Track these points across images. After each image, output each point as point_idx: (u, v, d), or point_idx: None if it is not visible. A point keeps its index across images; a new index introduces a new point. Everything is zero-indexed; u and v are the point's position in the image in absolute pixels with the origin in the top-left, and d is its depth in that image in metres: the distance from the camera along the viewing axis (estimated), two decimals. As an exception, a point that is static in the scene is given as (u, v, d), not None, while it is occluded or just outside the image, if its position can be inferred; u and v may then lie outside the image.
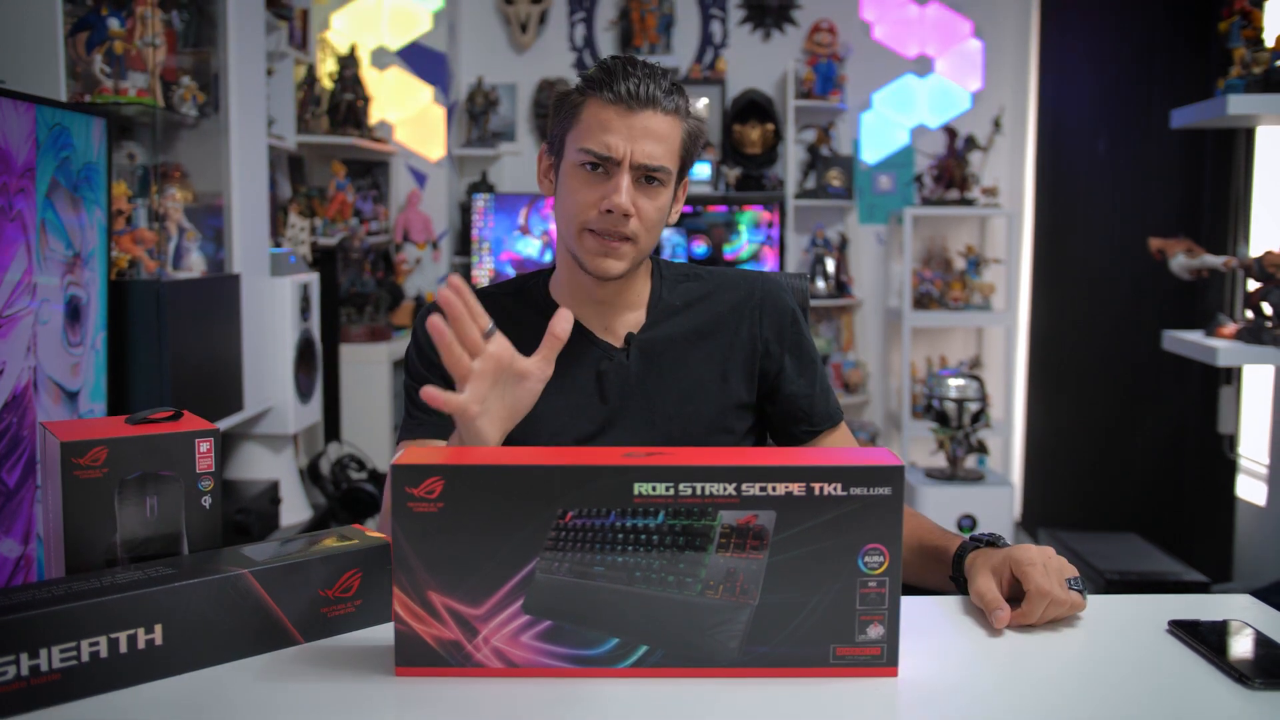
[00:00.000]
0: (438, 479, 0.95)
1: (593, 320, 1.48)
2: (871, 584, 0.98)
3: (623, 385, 1.46)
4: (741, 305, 1.51)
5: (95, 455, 1.07)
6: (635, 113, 1.35)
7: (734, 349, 1.49)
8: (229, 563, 1.04)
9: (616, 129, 1.35)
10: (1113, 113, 4.15)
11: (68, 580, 0.99)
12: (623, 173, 1.36)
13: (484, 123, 4.81)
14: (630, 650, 0.98)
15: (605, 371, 1.46)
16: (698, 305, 1.51)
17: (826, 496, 0.97)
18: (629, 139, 1.35)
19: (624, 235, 1.37)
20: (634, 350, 1.47)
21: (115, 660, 0.94)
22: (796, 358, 1.52)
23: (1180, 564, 3.34)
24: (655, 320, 1.49)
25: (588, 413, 1.45)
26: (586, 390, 1.45)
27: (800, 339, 1.52)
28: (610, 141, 1.35)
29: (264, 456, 3.36)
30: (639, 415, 1.45)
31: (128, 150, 2.66)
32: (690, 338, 1.49)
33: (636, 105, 1.35)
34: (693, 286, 1.52)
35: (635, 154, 1.35)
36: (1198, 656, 1.04)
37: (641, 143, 1.35)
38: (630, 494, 0.96)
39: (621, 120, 1.35)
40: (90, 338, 2.22)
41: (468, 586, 0.97)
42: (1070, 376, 4.39)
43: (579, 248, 1.40)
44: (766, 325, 1.51)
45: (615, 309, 1.48)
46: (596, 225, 1.37)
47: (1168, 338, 3.04)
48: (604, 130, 1.36)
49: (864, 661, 0.99)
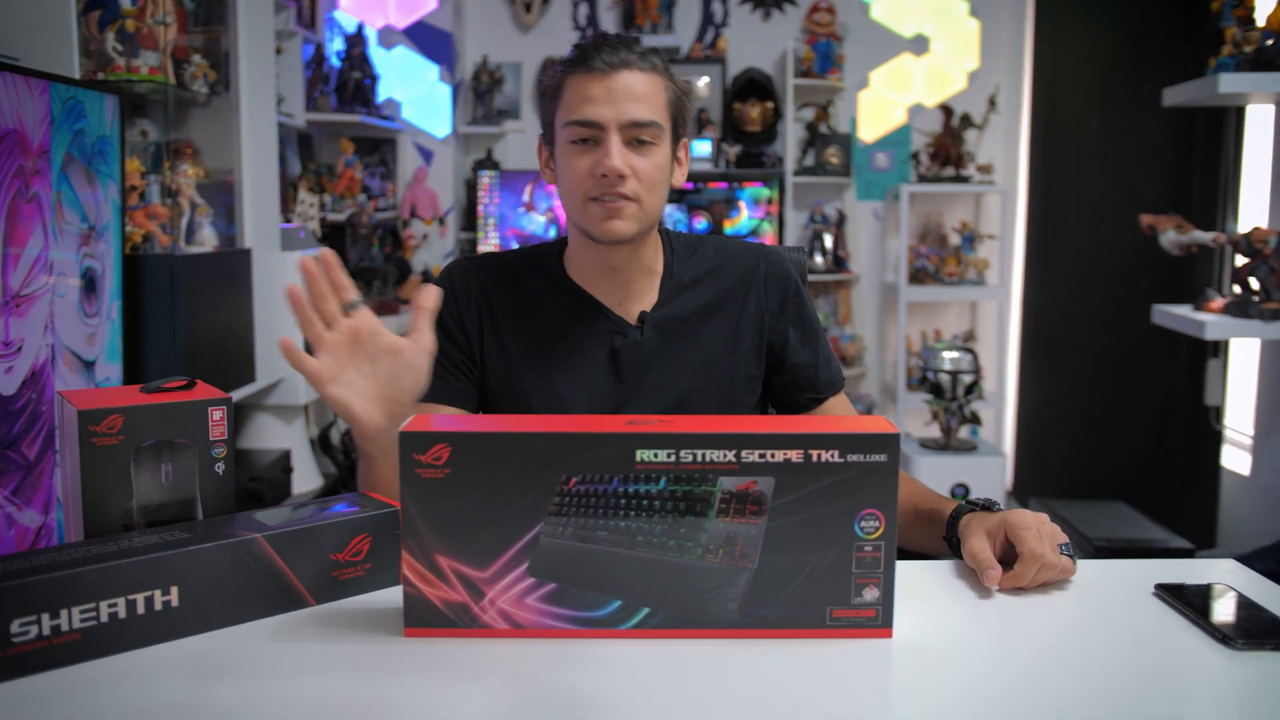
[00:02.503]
0: (445, 445, 0.96)
1: (608, 296, 1.47)
2: (867, 548, 0.99)
3: (637, 362, 1.45)
4: (748, 277, 1.50)
5: (111, 423, 1.07)
6: (612, 76, 1.35)
7: (743, 322, 1.49)
8: (242, 527, 1.05)
9: (597, 96, 1.35)
10: (1105, 91, 4.13)
11: (87, 544, 0.99)
12: (611, 136, 1.35)
13: (489, 101, 4.78)
14: (632, 612, 0.98)
15: (620, 349, 1.45)
16: (707, 279, 1.50)
17: (824, 463, 0.97)
18: (610, 102, 1.35)
19: (624, 195, 1.36)
20: (648, 328, 1.46)
21: (133, 621, 0.95)
22: (800, 328, 1.51)
23: (1167, 531, 3.35)
24: (668, 297, 1.48)
25: (604, 390, 1.44)
26: (602, 368, 1.45)
27: (803, 309, 1.52)
28: (593, 109, 1.35)
29: (275, 427, 3.37)
30: (653, 391, 1.44)
31: (140, 127, 2.65)
32: (701, 313, 1.48)
33: (612, 69, 1.35)
34: (701, 260, 1.51)
35: (620, 115, 1.35)
36: (1183, 618, 1.05)
37: (623, 103, 1.35)
38: (632, 460, 0.96)
39: (600, 86, 1.35)
40: (106, 309, 2.22)
41: (474, 550, 0.97)
42: (1062, 349, 4.38)
43: (585, 218, 1.39)
44: (771, 297, 1.50)
45: (629, 285, 1.46)
46: (596, 192, 1.36)
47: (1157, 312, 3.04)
48: (586, 101, 1.35)
49: (859, 623, 1.00)
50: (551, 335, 1.46)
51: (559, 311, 1.46)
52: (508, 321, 1.47)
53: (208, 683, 0.90)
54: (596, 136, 1.36)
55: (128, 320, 2.33)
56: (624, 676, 0.92)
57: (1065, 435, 4.34)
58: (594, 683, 0.91)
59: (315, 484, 3.48)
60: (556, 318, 1.46)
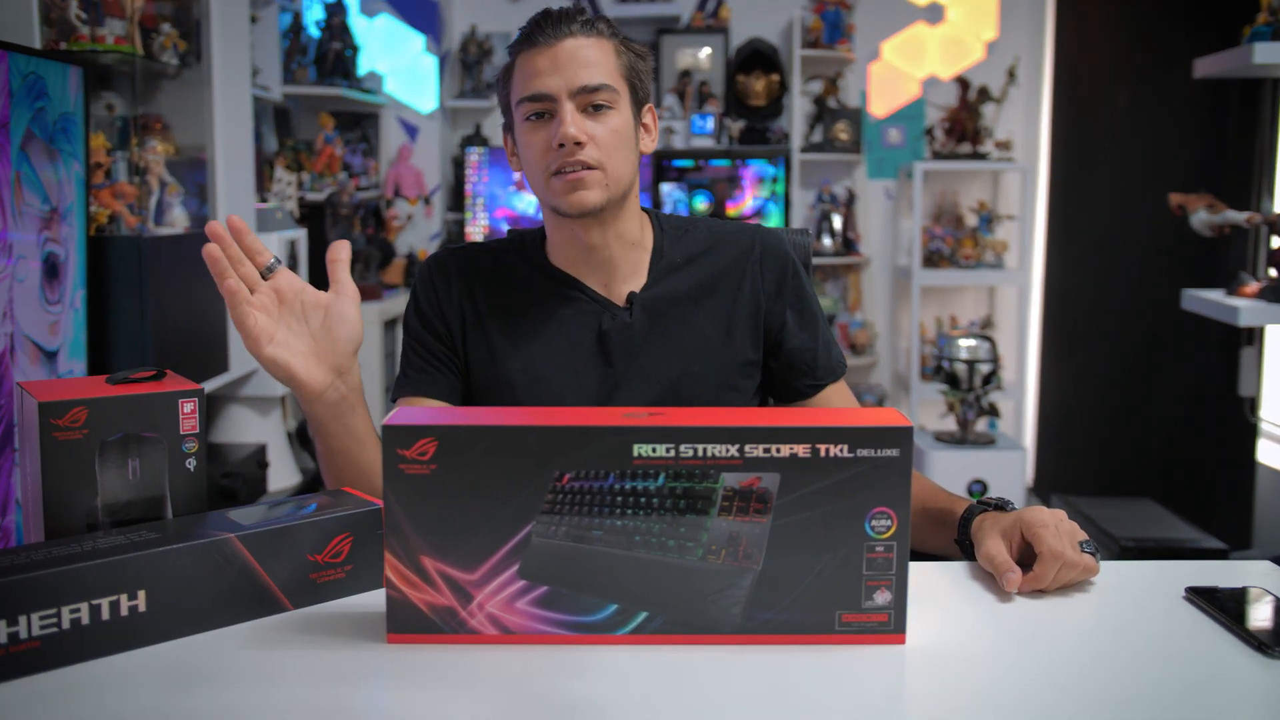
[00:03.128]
0: (430, 440, 0.95)
1: (592, 279, 1.47)
2: (879, 548, 0.98)
3: (627, 345, 1.45)
4: (743, 259, 1.50)
5: (75, 416, 1.07)
6: (555, 45, 1.38)
7: (738, 305, 1.49)
8: (215, 527, 1.04)
9: (544, 68, 1.38)
10: (1132, 62, 4.12)
11: (47, 545, 0.98)
12: (563, 105, 1.37)
13: (478, 73, 4.77)
14: (629, 616, 0.98)
15: (608, 331, 1.45)
16: (699, 260, 1.50)
17: (832, 458, 0.96)
18: (556, 70, 1.37)
19: (586, 165, 1.37)
20: (636, 309, 1.46)
21: (97, 627, 0.94)
22: (798, 311, 1.51)
23: (1198, 530, 3.35)
24: (657, 277, 1.48)
25: (593, 374, 1.45)
26: (589, 351, 1.45)
27: (801, 291, 1.52)
28: (540, 81, 1.37)
29: (251, 419, 3.36)
30: (644, 376, 1.45)
31: (106, 101, 2.64)
32: (694, 294, 1.48)
33: (554, 39, 1.38)
34: (693, 241, 1.51)
35: (569, 82, 1.37)
36: (1216, 624, 1.04)
37: (569, 69, 1.37)
38: (629, 455, 0.96)
39: (545, 58, 1.37)
40: (69, 296, 2.21)
41: (462, 551, 0.96)
42: (1085, 337, 4.38)
43: (550, 194, 1.40)
44: (768, 279, 1.50)
45: (613, 265, 1.47)
46: (556, 164, 1.38)
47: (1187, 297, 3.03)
48: (533, 75, 1.38)
49: (870, 628, 0.99)
50: (536, 321, 1.46)
51: (543, 297, 1.47)
52: (491, 312, 1.48)
53: (177, 693, 0.90)
54: (549, 109, 1.38)
55: (93, 307, 2.32)
56: (620, 685, 0.91)
57: (1089, 428, 4.34)
58: (589, 692, 0.90)
59: (293, 480, 3.48)
60: (541, 304, 1.47)
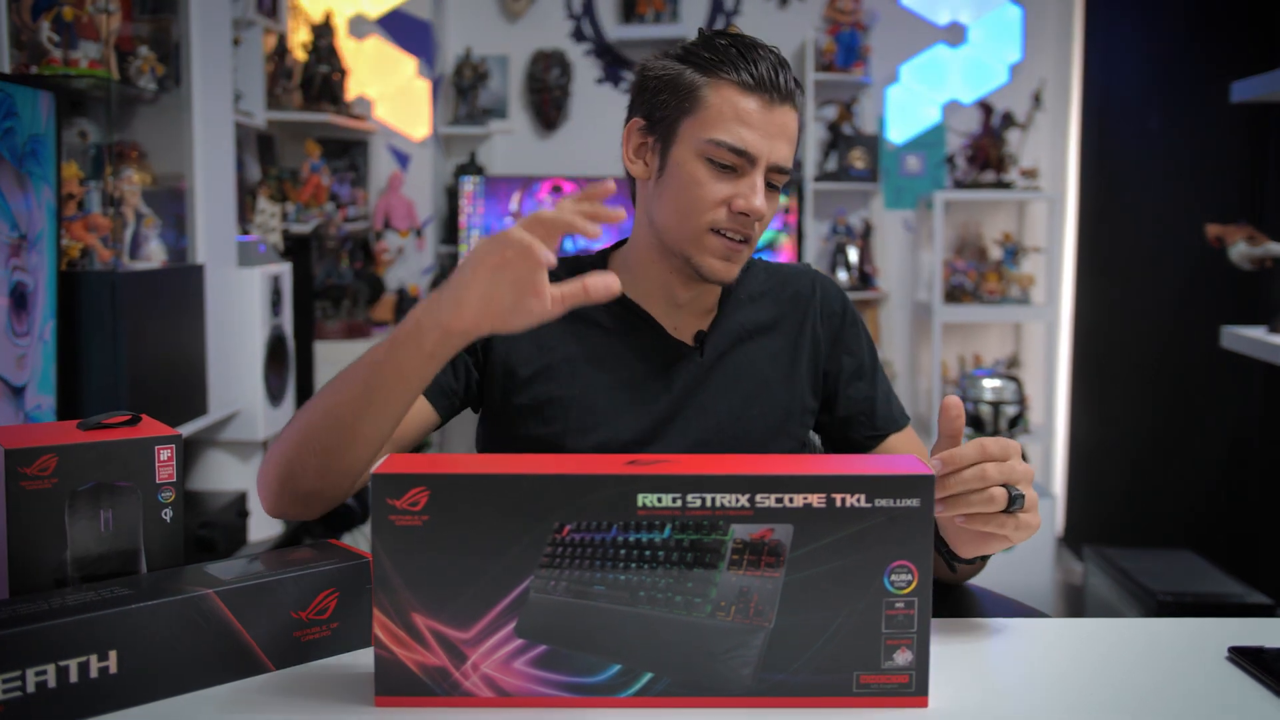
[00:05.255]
0: (422, 489, 0.95)
1: (664, 315, 1.48)
2: (899, 605, 0.98)
3: (689, 382, 1.47)
4: (804, 301, 1.54)
5: (44, 464, 1.07)
6: (775, 107, 1.35)
7: (799, 348, 1.51)
8: (192, 582, 1.04)
9: (756, 124, 1.34)
10: (1166, 86, 4.14)
11: (12, 603, 0.98)
12: (758, 172, 1.35)
13: (472, 98, 4.81)
14: (634, 678, 0.98)
15: (674, 368, 1.47)
16: (761, 300, 1.53)
17: (849, 508, 0.97)
18: (767, 136, 1.34)
19: (748, 237, 1.38)
20: (707, 346, 1.48)
21: (65, 690, 0.94)
22: (856, 357, 1.54)
23: (1242, 585, 3.33)
24: (725, 315, 1.50)
25: (651, 407, 1.46)
26: (653, 384, 1.46)
27: (859, 337, 1.55)
28: (749, 138, 1.34)
29: (231, 465, 3.36)
30: (701, 413, 1.46)
31: (79, 128, 2.66)
32: (756, 334, 1.51)
33: (778, 99, 1.35)
34: (753, 280, 1.54)
35: (772, 154, 1.35)
36: (1262, 686, 1.04)
37: (778, 142, 1.35)
38: (634, 506, 0.96)
39: (762, 115, 1.34)
40: (38, 328, 2.22)
41: (455, 608, 0.96)
42: (1118, 377, 4.38)
43: (697, 248, 1.39)
44: (828, 323, 1.54)
45: (690, 308, 1.49)
46: (725, 226, 1.37)
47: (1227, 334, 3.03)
48: (742, 123, 1.34)
49: (891, 690, 0.99)
50: (602, 349, 1.47)
51: (612, 325, 1.47)
52: (550, 330, 1.45)
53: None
54: (741, 167, 1.35)
55: (63, 346, 2.32)
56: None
57: (1123, 474, 4.33)
58: (591, 760, 0.90)
59: (275, 530, 3.47)
60: (609, 332, 1.47)
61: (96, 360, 2.45)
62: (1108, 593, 3.58)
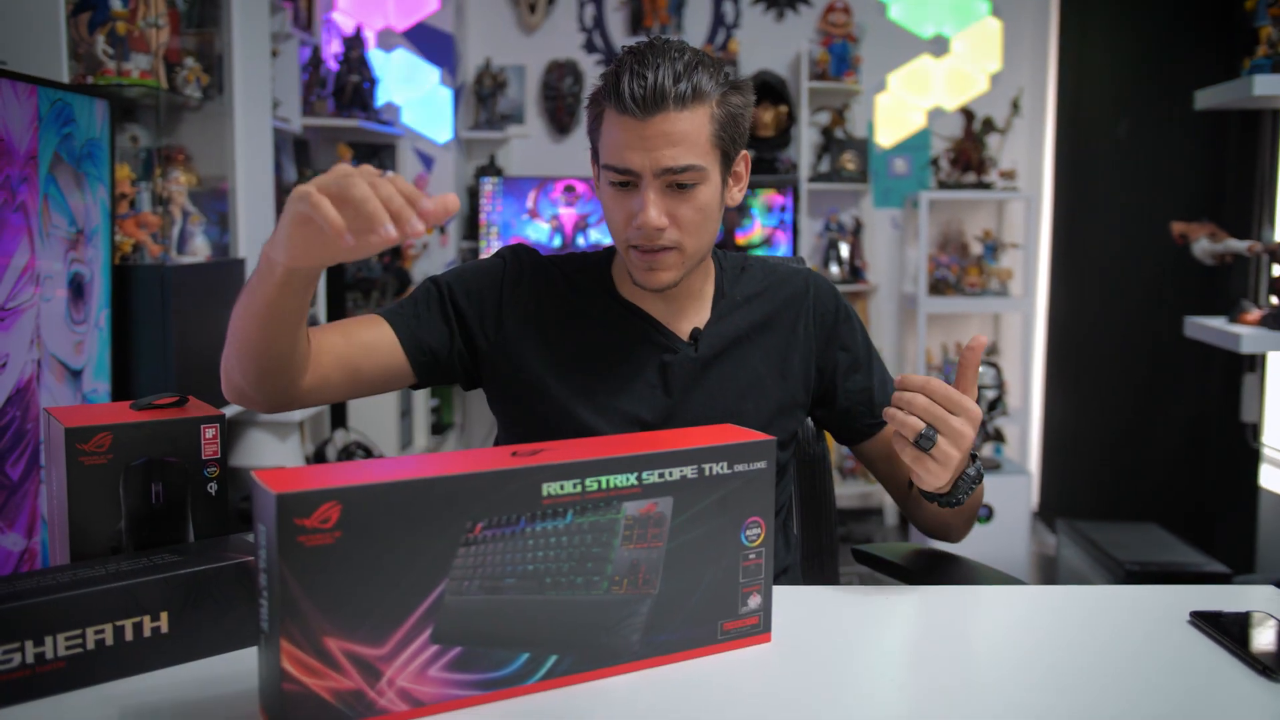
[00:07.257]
0: (333, 504, 0.84)
1: (659, 313, 1.46)
2: (752, 555, 1.04)
3: (686, 379, 1.44)
4: (798, 301, 1.51)
5: (100, 441, 1.08)
6: (646, 120, 1.28)
7: (791, 346, 1.49)
8: (235, 550, 1.05)
9: (630, 142, 1.29)
10: (1134, 93, 4.13)
11: (73, 567, 0.99)
12: (647, 187, 1.30)
13: (492, 105, 4.80)
14: (540, 663, 0.95)
15: (670, 364, 1.44)
16: (758, 299, 1.50)
17: (715, 476, 1.01)
18: (644, 149, 1.28)
19: (664, 246, 1.33)
20: (702, 344, 1.45)
21: (120, 648, 0.95)
22: (852, 353, 1.52)
23: (1202, 555, 3.33)
24: (720, 315, 1.48)
25: (650, 404, 1.43)
26: (650, 381, 1.44)
27: (854, 333, 1.53)
28: (627, 156, 1.30)
29: (270, 443, 3.37)
30: (698, 409, 1.43)
31: (130, 133, 2.66)
32: (751, 333, 1.48)
33: (644, 112, 1.27)
34: (750, 279, 1.52)
35: (654, 163, 1.29)
36: (1220, 648, 1.04)
37: (658, 151, 1.28)
38: (539, 496, 0.93)
39: (634, 133, 1.29)
40: (94, 315, 2.23)
41: (370, 624, 0.87)
42: (1089, 364, 4.37)
43: (628, 262, 1.38)
44: (822, 322, 1.51)
45: (680, 303, 1.46)
46: (635, 240, 1.34)
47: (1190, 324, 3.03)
48: (619, 146, 1.30)
49: (745, 632, 1.05)
50: (602, 345, 1.44)
51: (611, 322, 1.45)
52: (555, 325, 1.45)
53: (198, 714, 0.90)
54: (634, 181, 1.32)
55: (117, 334, 2.33)
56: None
57: (1093, 453, 4.32)
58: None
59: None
60: (608, 329, 1.45)
61: (147, 346, 2.46)
62: (1079, 562, 3.58)
